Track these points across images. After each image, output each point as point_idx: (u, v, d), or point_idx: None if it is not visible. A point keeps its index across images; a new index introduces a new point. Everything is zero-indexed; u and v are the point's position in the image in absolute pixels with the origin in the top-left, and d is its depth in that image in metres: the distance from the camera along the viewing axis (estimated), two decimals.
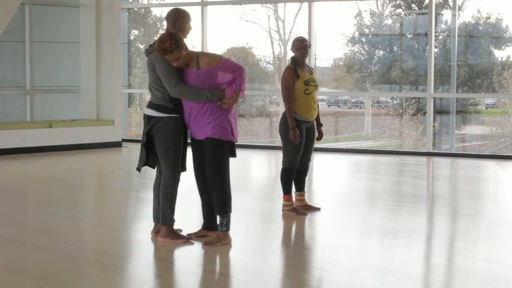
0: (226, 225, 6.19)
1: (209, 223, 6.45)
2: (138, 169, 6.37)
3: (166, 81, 6.01)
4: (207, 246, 6.11)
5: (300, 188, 7.74)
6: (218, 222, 6.28)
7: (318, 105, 7.58)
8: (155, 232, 6.40)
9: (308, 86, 7.37)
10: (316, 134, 7.69)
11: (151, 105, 6.19)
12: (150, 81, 6.22)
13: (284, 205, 7.60)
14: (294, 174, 7.52)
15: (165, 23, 6.34)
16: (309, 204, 7.86)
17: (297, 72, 7.35)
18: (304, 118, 7.39)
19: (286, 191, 7.55)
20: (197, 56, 6.07)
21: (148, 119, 6.17)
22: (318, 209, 7.81)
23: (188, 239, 6.31)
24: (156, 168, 6.41)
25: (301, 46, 7.38)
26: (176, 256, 5.97)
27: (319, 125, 7.70)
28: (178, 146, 6.17)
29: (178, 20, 6.19)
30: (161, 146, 6.15)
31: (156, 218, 6.41)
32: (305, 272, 5.65)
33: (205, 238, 6.29)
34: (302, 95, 7.35)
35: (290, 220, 7.38)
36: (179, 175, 6.27)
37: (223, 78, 6.06)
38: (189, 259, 5.90)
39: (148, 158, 6.26)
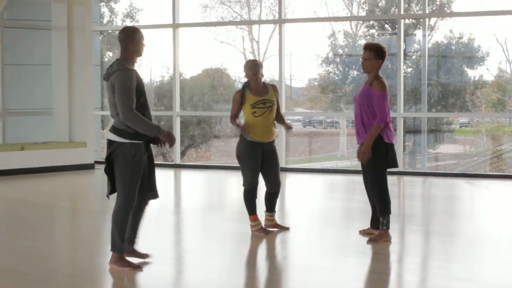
0: (386, 224, 7.12)
1: (373, 222, 7.39)
2: (108, 196, 6.18)
3: (122, 103, 5.80)
4: (371, 242, 7.04)
5: (271, 209, 7.75)
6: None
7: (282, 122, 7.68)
8: (127, 252, 6.25)
9: (255, 109, 7.41)
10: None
11: (113, 129, 5.97)
12: (111, 105, 5.98)
13: (251, 226, 7.59)
14: (256, 194, 7.55)
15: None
16: (279, 224, 7.85)
17: (245, 95, 7.44)
18: (257, 140, 7.44)
19: (251, 212, 7.57)
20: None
21: (109, 143, 5.98)
22: (287, 228, 7.80)
23: (137, 267, 6.07)
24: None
25: (251, 66, 7.47)
26: (152, 279, 5.89)
27: (284, 123, 7.74)
28: (136, 175, 5.95)
29: (135, 37, 6.00)
30: (119, 172, 5.94)
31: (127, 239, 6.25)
32: None
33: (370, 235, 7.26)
34: (251, 118, 7.43)
35: (260, 240, 7.34)
36: (132, 203, 5.99)
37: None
38: (163, 280, 5.85)
39: (114, 183, 6.04)
